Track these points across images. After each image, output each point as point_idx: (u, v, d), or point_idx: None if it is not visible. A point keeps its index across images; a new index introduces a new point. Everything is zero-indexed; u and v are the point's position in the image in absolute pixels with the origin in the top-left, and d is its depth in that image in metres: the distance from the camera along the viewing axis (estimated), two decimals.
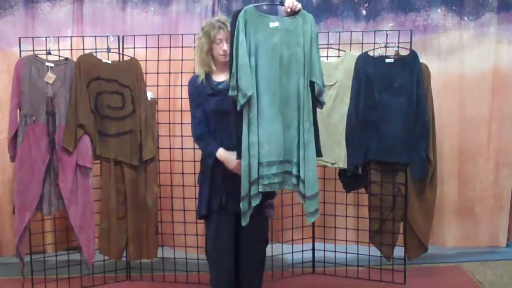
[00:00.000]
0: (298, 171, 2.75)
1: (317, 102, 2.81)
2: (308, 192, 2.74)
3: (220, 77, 2.95)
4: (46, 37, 3.54)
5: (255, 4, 2.74)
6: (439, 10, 4.12)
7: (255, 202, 2.72)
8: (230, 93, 2.68)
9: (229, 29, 2.81)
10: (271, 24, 2.71)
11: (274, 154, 2.71)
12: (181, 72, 3.74)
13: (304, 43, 2.72)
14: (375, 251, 3.78)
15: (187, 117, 3.19)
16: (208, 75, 2.96)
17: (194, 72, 3.06)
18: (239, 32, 2.65)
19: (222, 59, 2.91)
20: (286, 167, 2.77)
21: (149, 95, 3.64)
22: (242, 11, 2.66)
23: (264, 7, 3.23)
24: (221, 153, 2.88)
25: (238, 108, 2.68)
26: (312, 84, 2.75)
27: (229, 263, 2.94)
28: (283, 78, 2.71)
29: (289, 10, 2.70)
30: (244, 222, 2.75)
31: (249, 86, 2.64)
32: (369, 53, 3.63)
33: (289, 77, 2.72)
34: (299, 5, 2.71)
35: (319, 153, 2.88)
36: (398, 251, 3.72)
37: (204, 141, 2.94)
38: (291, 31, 2.71)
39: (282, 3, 2.75)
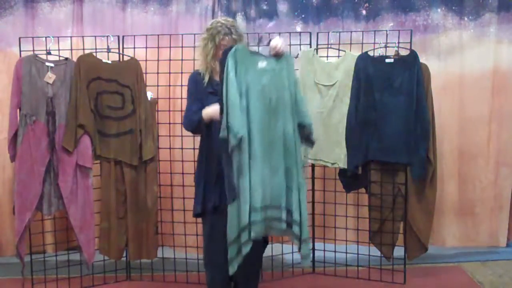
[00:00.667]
0: (287, 215, 2.69)
1: (308, 142, 2.80)
2: (304, 234, 2.73)
3: None
4: (46, 37, 3.54)
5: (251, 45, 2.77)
6: (439, 10, 4.12)
7: (246, 250, 2.61)
8: (221, 134, 2.61)
9: (234, 37, 2.83)
10: (260, 64, 2.67)
11: (267, 199, 2.65)
12: (181, 72, 3.74)
13: (289, 85, 2.71)
14: (375, 251, 3.78)
15: None
16: (210, 75, 2.96)
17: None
18: (230, 71, 2.58)
19: None
20: (275, 213, 2.68)
21: (149, 95, 3.64)
22: (233, 49, 2.61)
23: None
24: (206, 110, 2.81)
25: (229, 150, 2.60)
26: (300, 125, 2.73)
27: (224, 263, 2.93)
28: (271, 121, 2.67)
29: (273, 52, 2.70)
30: (231, 270, 2.64)
31: (240, 126, 2.57)
32: (369, 53, 3.63)
33: (276, 121, 2.67)
34: (285, 49, 2.71)
35: None
36: (398, 251, 3.72)
37: (192, 119, 2.89)
38: (277, 73, 2.69)
39: (268, 44, 2.73)
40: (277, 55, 2.71)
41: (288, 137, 2.69)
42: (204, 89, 2.92)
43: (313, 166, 3.88)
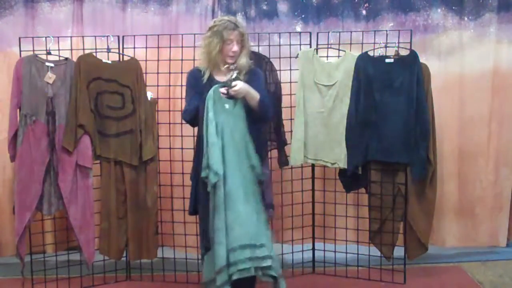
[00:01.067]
0: (265, 253, 2.71)
1: (260, 184, 2.89)
2: (279, 270, 2.79)
3: (223, 78, 2.95)
4: (46, 37, 3.54)
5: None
6: (439, 10, 4.12)
7: None
8: (203, 174, 2.72)
9: (240, 30, 2.90)
10: (226, 106, 2.82)
11: (245, 237, 2.67)
12: (181, 72, 3.74)
13: (243, 124, 2.85)
14: (375, 251, 3.78)
15: None
16: (210, 74, 2.97)
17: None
18: (209, 110, 2.73)
19: (229, 60, 2.92)
20: (255, 252, 2.70)
21: (149, 95, 3.63)
22: (212, 90, 2.76)
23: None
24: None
25: (209, 189, 2.70)
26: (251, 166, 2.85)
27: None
28: (239, 161, 2.79)
29: (226, 94, 2.79)
30: None
31: (219, 165, 2.69)
32: (369, 53, 3.63)
33: (242, 160, 2.80)
34: (242, 94, 2.82)
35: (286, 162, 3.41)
36: (398, 251, 3.72)
37: (190, 108, 2.96)
38: (237, 115, 2.84)
39: (228, 85, 2.79)
40: (235, 97, 2.81)
41: (248, 174, 2.81)
42: (203, 86, 2.93)
43: (313, 166, 3.88)
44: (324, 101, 3.68)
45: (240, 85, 2.80)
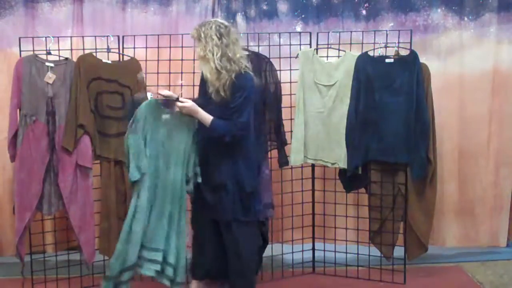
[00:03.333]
0: (163, 258, 2.98)
1: (190, 191, 3.08)
2: (179, 278, 3.00)
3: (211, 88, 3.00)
4: (46, 37, 3.53)
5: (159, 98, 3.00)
6: (439, 10, 4.12)
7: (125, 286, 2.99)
8: (133, 176, 2.91)
9: (194, 35, 2.98)
10: (164, 116, 2.99)
11: (147, 240, 2.96)
12: (181, 72, 3.74)
13: (187, 137, 3.02)
14: (375, 251, 3.78)
15: None
16: (206, 80, 3.00)
17: (194, 72, 3.09)
18: (139, 119, 2.92)
19: None
20: (152, 255, 2.98)
21: (149, 95, 3.62)
22: (147, 102, 2.95)
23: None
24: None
25: (132, 184, 2.94)
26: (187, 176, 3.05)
27: (203, 263, 3.17)
28: (163, 169, 2.99)
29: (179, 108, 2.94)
30: None
31: (146, 167, 2.92)
32: (369, 53, 3.63)
33: (168, 168, 2.99)
34: (185, 110, 2.94)
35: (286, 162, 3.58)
36: (398, 251, 3.72)
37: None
38: (178, 125, 2.99)
39: (177, 100, 2.93)
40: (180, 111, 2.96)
41: (176, 184, 3.00)
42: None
43: (313, 166, 3.88)
44: (324, 101, 3.68)
45: (185, 105, 2.92)
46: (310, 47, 3.82)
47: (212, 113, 2.92)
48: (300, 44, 3.85)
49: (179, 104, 2.93)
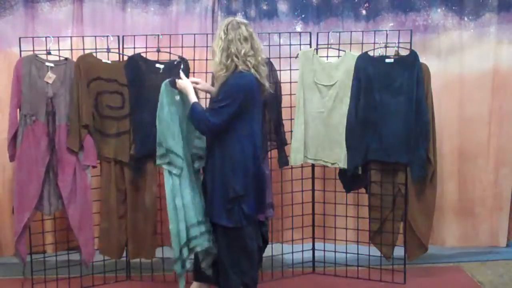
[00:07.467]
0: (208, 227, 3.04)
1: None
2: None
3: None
4: (46, 37, 3.54)
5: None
6: (439, 10, 4.11)
7: (189, 264, 3.03)
8: (160, 161, 2.98)
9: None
10: (176, 97, 3.05)
11: (200, 215, 3.01)
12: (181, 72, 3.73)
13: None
14: (375, 251, 3.78)
15: None
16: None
17: (194, 72, 3.09)
18: (165, 102, 2.98)
19: None
20: (204, 227, 3.02)
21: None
22: (163, 85, 3.00)
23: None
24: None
25: (175, 171, 2.96)
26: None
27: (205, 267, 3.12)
28: (186, 147, 3.03)
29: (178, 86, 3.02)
30: (181, 286, 3.03)
31: (178, 149, 2.98)
32: (369, 53, 3.63)
33: (188, 147, 3.06)
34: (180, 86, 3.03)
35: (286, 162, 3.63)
36: (398, 251, 3.72)
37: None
38: (186, 107, 3.01)
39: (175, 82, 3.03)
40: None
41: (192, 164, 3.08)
42: None
43: (313, 166, 3.88)
44: (324, 101, 3.68)
45: (180, 81, 3.01)
46: (310, 47, 3.82)
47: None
48: (300, 44, 3.85)
49: (178, 80, 3.03)
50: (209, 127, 2.84)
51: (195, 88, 3.02)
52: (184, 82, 3.01)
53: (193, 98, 2.94)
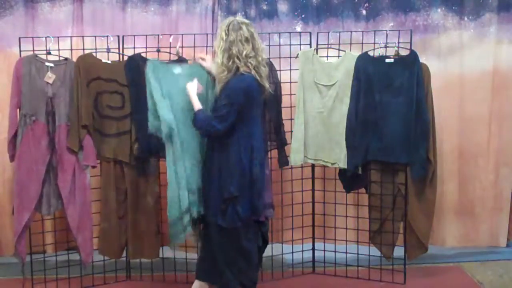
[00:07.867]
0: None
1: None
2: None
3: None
4: (46, 37, 3.54)
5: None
6: (439, 10, 4.12)
7: (189, 229, 3.02)
8: (151, 128, 2.97)
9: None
10: (175, 70, 3.08)
11: (199, 181, 3.01)
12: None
13: (205, 86, 3.06)
14: (375, 251, 3.78)
15: None
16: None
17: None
18: (150, 78, 2.99)
19: None
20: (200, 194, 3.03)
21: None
22: (149, 63, 3.04)
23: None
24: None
25: (164, 138, 2.94)
26: None
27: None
28: (188, 118, 2.97)
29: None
30: (177, 240, 3.05)
31: (172, 119, 2.93)
32: (369, 53, 3.63)
33: (190, 118, 2.97)
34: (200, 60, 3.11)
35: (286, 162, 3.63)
36: (398, 251, 3.72)
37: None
38: (191, 77, 3.01)
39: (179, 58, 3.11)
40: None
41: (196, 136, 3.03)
42: None
43: (313, 166, 3.88)
44: (324, 101, 3.68)
45: (190, 84, 2.98)
46: (310, 47, 3.82)
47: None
48: (300, 44, 3.85)
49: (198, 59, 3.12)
50: (214, 132, 2.85)
51: (201, 64, 3.08)
52: (192, 85, 2.98)
53: (197, 105, 2.91)
